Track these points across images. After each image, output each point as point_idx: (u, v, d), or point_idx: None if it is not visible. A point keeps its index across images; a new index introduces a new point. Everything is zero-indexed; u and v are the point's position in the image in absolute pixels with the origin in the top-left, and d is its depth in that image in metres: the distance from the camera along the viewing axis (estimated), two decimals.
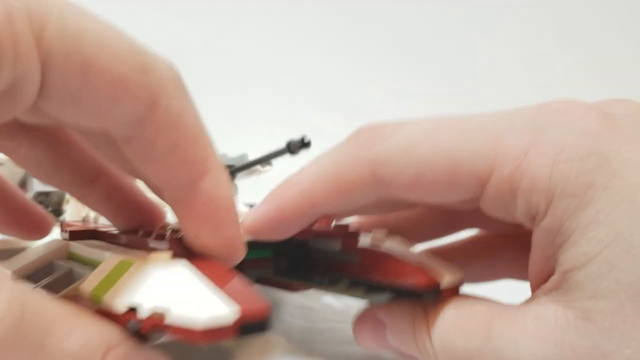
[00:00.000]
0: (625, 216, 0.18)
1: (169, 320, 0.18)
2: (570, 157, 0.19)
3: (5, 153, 0.22)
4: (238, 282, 0.20)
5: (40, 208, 0.25)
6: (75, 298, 0.21)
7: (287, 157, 0.34)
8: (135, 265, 0.20)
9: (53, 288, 0.24)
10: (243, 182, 0.40)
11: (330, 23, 0.72)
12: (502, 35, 0.65)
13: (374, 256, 0.26)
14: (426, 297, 0.24)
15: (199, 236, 0.20)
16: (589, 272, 0.18)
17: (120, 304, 0.19)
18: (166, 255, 0.20)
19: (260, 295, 0.19)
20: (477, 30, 0.66)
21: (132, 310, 0.19)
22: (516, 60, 0.65)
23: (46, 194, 0.36)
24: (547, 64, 0.63)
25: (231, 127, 0.44)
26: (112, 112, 0.17)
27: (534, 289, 0.21)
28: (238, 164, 0.38)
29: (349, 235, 0.28)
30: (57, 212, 0.39)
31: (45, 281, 0.24)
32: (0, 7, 0.15)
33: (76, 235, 0.27)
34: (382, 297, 0.26)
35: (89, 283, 0.21)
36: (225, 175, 0.20)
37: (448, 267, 0.25)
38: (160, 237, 0.22)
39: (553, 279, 0.20)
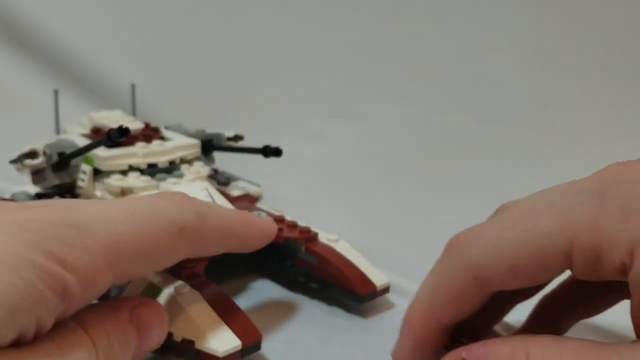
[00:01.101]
0: None
1: (198, 346, 0.27)
2: (637, 208, 0.21)
3: None
4: (240, 314, 0.29)
5: None
6: None
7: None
8: (167, 294, 0.29)
9: None
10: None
11: (334, 28, 0.70)
12: (505, 38, 0.65)
13: (328, 260, 0.35)
14: (366, 299, 0.34)
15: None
16: None
17: None
18: (188, 289, 0.29)
19: (253, 325, 0.29)
20: (481, 34, 0.65)
21: (170, 334, 0.28)
22: (519, 63, 0.64)
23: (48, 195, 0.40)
24: (546, 64, 0.63)
25: (232, 128, 0.47)
26: (167, 263, 0.26)
27: (637, 332, 0.23)
28: (216, 139, 0.46)
29: (310, 239, 0.37)
30: None
31: None
32: (86, 253, 0.21)
33: None
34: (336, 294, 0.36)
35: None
36: (251, 225, 0.30)
37: (378, 272, 0.35)
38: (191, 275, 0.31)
39: None
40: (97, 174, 0.39)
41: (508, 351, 0.22)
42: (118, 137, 0.33)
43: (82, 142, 0.40)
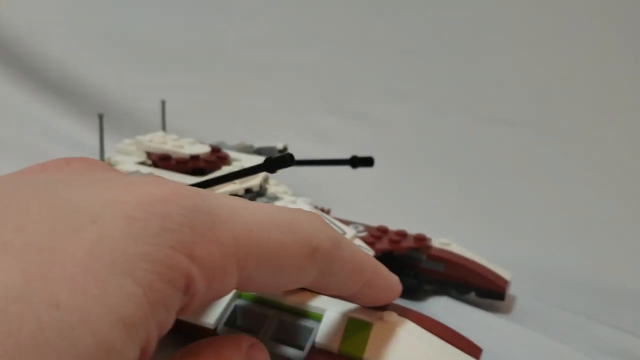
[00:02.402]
0: None
1: None
2: None
3: None
4: (453, 332, 0.28)
5: None
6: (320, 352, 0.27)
7: None
8: (380, 328, 0.27)
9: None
10: None
11: (334, 25, 0.68)
12: (506, 39, 0.65)
13: (458, 264, 0.36)
14: (502, 297, 0.35)
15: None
16: None
17: None
18: (398, 317, 0.28)
19: (470, 340, 0.28)
20: (482, 33, 0.66)
21: None
22: (519, 63, 0.65)
23: None
24: (546, 64, 0.64)
25: (232, 128, 0.44)
26: (292, 286, 0.22)
27: None
28: (266, 153, 0.43)
29: (429, 247, 0.37)
30: None
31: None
32: (217, 246, 0.17)
33: None
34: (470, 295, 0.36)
35: (328, 338, 0.27)
36: (382, 272, 0.26)
37: (499, 268, 0.37)
38: None
39: None
40: None
41: None
42: (282, 166, 0.30)
43: (154, 172, 0.35)
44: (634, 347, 0.32)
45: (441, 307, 0.35)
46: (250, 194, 0.36)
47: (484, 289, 0.35)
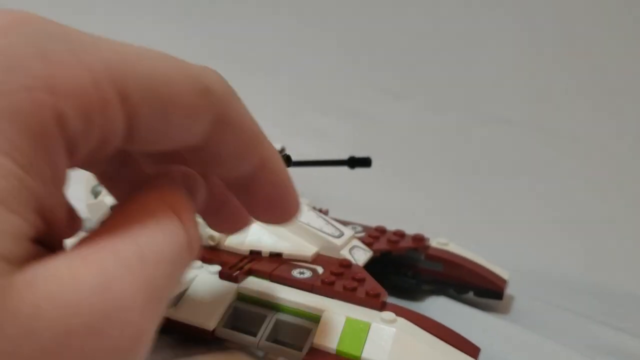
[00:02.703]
0: None
1: None
2: None
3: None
4: (451, 331, 0.28)
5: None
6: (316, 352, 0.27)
7: None
8: (377, 328, 0.27)
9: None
10: None
11: (329, 25, 0.68)
12: (501, 37, 0.65)
13: (456, 264, 0.36)
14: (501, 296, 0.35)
15: (267, 216, 0.22)
16: None
17: None
18: (395, 317, 0.28)
19: (468, 340, 0.28)
20: (476, 32, 0.66)
21: None
22: (516, 62, 0.65)
23: None
24: (545, 64, 0.64)
25: None
26: (185, 137, 0.18)
27: None
28: None
29: (427, 247, 0.37)
30: None
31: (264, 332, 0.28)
32: (85, 71, 0.14)
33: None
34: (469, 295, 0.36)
35: (326, 339, 0.27)
36: (278, 157, 0.21)
37: (497, 267, 0.37)
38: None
39: None
40: None
41: None
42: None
43: None
44: (632, 347, 0.32)
45: (439, 307, 0.35)
46: None
47: (483, 288, 0.35)
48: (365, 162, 0.39)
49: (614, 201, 0.54)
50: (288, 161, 0.33)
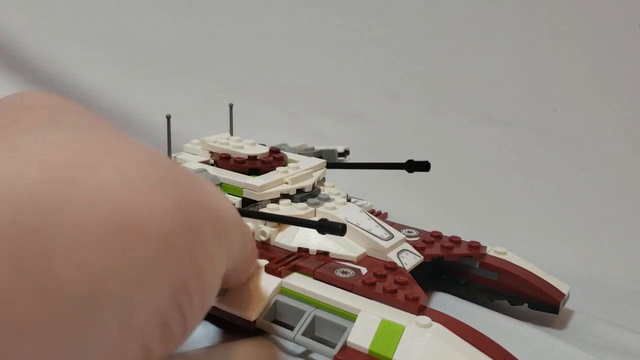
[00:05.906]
0: None
1: None
2: None
3: None
4: (487, 340, 0.28)
5: None
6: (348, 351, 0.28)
7: None
8: (411, 331, 0.27)
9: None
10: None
11: (331, 27, 0.70)
12: (501, 37, 0.65)
13: (512, 275, 0.35)
14: (559, 309, 0.34)
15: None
16: None
17: None
18: (431, 322, 0.27)
19: (506, 350, 0.27)
20: (476, 32, 0.66)
21: None
22: (515, 63, 0.65)
23: None
24: (544, 65, 0.64)
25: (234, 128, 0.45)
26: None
27: None
28: (327, 156, 0.43)
29: (483, 255, 0.36)
30: None
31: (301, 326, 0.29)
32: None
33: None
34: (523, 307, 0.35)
35: (360, 338, 0.28)
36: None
37: (557, 280, 0.35)
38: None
39: None
40: (245, 203, 0.36)
41: None
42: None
43: (214, 170, 0.37)
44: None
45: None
46: (302, 194, 0.37)
47: (537, 300, 0.34)
48: (423, 166, 0.39)
49: (614, 201, 0.53)
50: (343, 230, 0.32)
